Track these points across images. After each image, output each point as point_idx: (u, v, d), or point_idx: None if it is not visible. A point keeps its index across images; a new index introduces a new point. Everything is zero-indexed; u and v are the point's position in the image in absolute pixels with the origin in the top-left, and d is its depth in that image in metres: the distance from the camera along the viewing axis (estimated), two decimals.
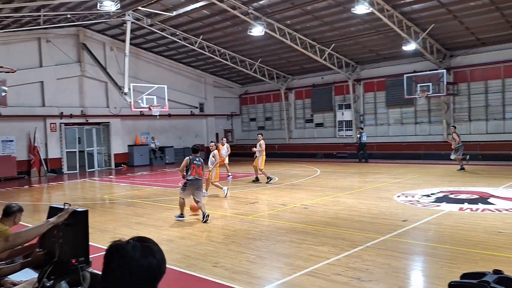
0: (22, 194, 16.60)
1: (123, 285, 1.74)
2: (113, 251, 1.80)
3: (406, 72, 22.83)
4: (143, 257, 1.76)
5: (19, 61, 21.37)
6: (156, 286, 1.81)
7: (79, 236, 3.11)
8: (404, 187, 13.59)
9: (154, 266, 1.78)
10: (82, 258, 3.03)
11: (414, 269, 6.52)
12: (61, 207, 3.25)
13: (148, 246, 1.82)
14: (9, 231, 4.79)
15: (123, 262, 1.75)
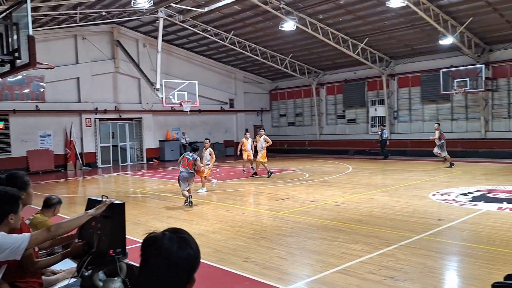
0: (59, 186, 17.05)
1: (162, 276, 1.77)
2: (150, 243, 1.82)
3: (443, 67, 22.25)
4: (181, 248, 1.79)
5: (57, 58, 21.88)
6: (193, 275, 1.83)
7: (116, 228, 3.17)
8: (440, 185, 13.28)
9: (192, 257, 1.81)
10: (119, 249, 3.09)
11: (450, 269, 6.36)
12: (99, 199, 3.32)
13: (184, 237, 1.85)
14: (48, 222, 4.94)
15: (160, 255, 1.77)
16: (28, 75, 21.42)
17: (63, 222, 3.26)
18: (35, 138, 22.73)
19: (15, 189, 3.30)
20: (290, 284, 5.59)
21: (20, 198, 3.27)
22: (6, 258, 2.93)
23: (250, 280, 5.78)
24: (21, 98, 22.00)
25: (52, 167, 22.81)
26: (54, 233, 3.18)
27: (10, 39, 4.99)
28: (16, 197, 3.18)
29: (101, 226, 3.23)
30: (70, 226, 3.26)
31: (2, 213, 3.09)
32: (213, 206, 11.41)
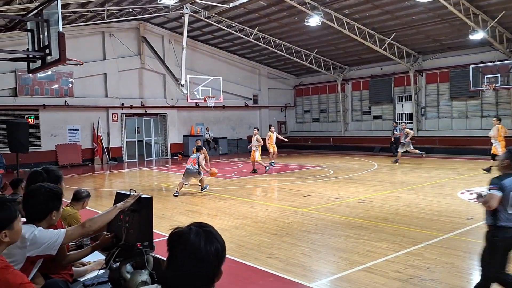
0: (86, 180, 17.37)
1: (190, 271, 1.79)
2: (176, 239, 1.84)
3: (473, 63, 21.70)
4: (208, 243, 1.81)
5: (85, 54, 22.25)
6: (221, 268, 1.86)
7: (144, 222, 3.22)
8: (468, 184, 13.01)
9: (220, 251, 1.83)
10: (147, 242, 3.14)
11: (478, 269, 6.20)
12: (127, 193, 3.37)
13: (210, 231, 1.87)
14: (78, 214, 5.06)
15: (187, 250, 1.79)
16: (57, 71, 21.87)
17: (96, 217, 3.33)
18: (64, 133, 23.22)
19: (58, 186, 3.39)
20: (314, 281, 5.57)
21: (63, 195, 3.35)
22: (43, 252, 3.01)
23: (274, 276, 5.78)
24: (51, 94, 22.50)
25: (80, 161, 23.28)
26: (89, 229, 3.25)
27: (41, 35, 5.08)
28: (60, 195, 3.27)
29: (129, 220, 3.28)
30: (103, 221, 3.32)
31: (46, 210, 3.17)
32: (236, 202, 11.44)
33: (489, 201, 4.39)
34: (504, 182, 4.39)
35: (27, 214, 3.22)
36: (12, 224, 2.56)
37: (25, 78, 21.35)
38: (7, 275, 2.35)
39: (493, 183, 4.46)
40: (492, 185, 4.44)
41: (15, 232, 2.60)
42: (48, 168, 4.04)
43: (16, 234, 2.63)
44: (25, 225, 3.06)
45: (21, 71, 20.74)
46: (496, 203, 4.34)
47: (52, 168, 4.09)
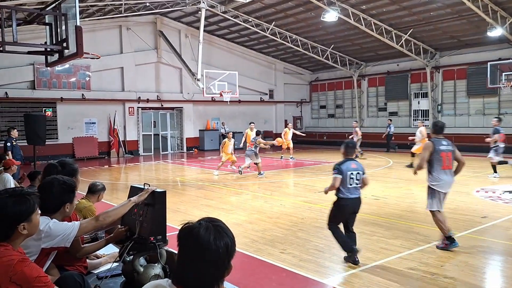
0: (102, 173, 17.56)
1: (200, 266, 1.81)
2: (186, 233, 1.86)
3: (491, 60, 21.38)
4: (219, 238, 1.82)
5: (102, 48, 22.44)
6: (231, 262, 1.88)
7: (157, 216, 3.25)
8: (484, 182, 12.88)
9: (229, 245, 1.85)
10: (160, 236, 3.18)
11: (493, 268, 6.15)
12: (141, 187, 3.40)
13: (220, 226, 1.89)
14: (93, 207, 5.11)
15: (198, 244, 1.81)
16: (75, 64, 22.09)
17: (110, 210, 3.36)
18: (81, 126, 23.48)
19: (72, 179, 3.43)
20: (327, 277, 5.58)
21: (76, 188, 3.40)
22: (57, 244, 3.05)
23: (286, 272, 5.79)
24: (68, 87, 22.74)
25: (96, 153, 23.54)
26: (103, 222, 3.28)
27: (59, 29, 5.14)
28: (73, 187, 3.31)
29: (143, 213, 3.32)
30: (117, 214, 3.36)
31: (60, 202, 3.21)
32: (251, 197, 11.48)
33: (334, 183, 6.15)
34: (342, 167, 6.16)
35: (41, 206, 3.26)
36: (30, 217, 2.60)
37: (43, 71, 21.60)
38: (24, 268, 2.39)
39: (335, 168, 6.21)
40: (334, 170, 6.19)
41: (34, 225, 2.64)
42: (64, 161, 4.09)
43: (35, 227, 2.67)
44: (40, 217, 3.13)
45: (39, 64, 20.98)
46: (339, 183, 6.12)
47: (68, 161, 4.14)
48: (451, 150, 6.91)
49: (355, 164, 6.26)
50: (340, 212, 6.24)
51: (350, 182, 6.11)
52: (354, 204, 6.22)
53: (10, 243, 2.52)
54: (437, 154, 6.78)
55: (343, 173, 6.10)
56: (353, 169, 6.17)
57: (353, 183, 6.15)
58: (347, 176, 6.11)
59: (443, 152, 6.82)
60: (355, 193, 6.21)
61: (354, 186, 6.16)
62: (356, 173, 6.19)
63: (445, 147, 6.91)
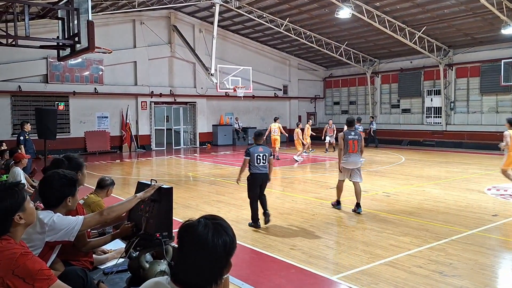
0: (114, 167, 17.70)
1: (199, 263, 1.82)
2: (185, 231, 1.88)
3: (504, 58, 21.27)
4: (217, 235, 1.83)
5: (115, 42, 22.60)
6: (230, 260, 1.88)
7: (163, 212, 3.26)
8: (496, 180, 12.73)
9: (228, 243, 1.85)
10: (166, 232, 3.19)
11: (502, 267, 6.10)
12: (148, 183, 3.42)
13: (219, 223, 1.89)
14: (101, 202, 5.12)
15: (196, 241, 1.83)
16: (88, 58, 22.26)
17: (114, 205, 3.39)
18: (93, 120, 23.63)
19: (73, 172, 3.44)
20: (336, 274, 5.57)
21: (78, 181, 3.42)
22: (61, 238, 3.07)
23: (295, 268, 5.80)
24: (81, 81, 22.89)
25: (108, 148, 23.69)
26: (107, 217, 3.31)
27: (71, 24, 5.18)
28: (75, 181, 3.31)
29: (149, 210, 3.33)
30: (122, 209, 3.38)
31: (61, 196, 3.22)
32: None
33: (243, 164, 8.27)
34: (250, 150, 8.23)
35: (43, 201, 3.28)
36: (23, 205, 2.61)
37: (56, 65, 21.71)
38: (27, 261, 2.41)
39: (245, 152, 8.28)
40: (245, 153, 8.27)
41: (29, 213, 2.65)
42: (70, 156, 4.10)
43: (31, 215, 2.68)
44: (43, 211, 3.14)
45: (53, 58, 21.03)
46: (247, 164, 8.19)
47: (74, 156, 4.15)
48: (357, 139, 9.30)
49: (262, 148, 8.25)
50: (253, 183, 8.15)
51: (257, 161, 8.12)
52: (261, 177, 8.19)
53: (11, 236, 2.55)
54: (346, 141, 9.19)
55: (251, 155, 8.15)
56: (260, 152, 8.18)
57: (260, 162, 8.15)
58: (255, 157, 8.13)
59: (350, 140, 9.24)
60: (263, 170, 8.17)
61: (261, 164, 8.15)
62: (262, 155, 8.17)
63: (352, 136, 9.29)
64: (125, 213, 3.54)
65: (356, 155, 9.24)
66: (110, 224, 4.00)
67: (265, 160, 8.19)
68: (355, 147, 9.18)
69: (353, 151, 9.17)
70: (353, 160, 9.23)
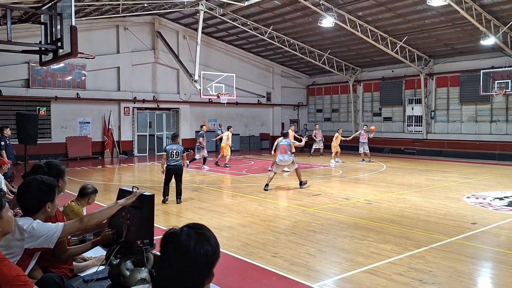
0: (95, 173, 17.52)
1: (181, 271, 1.81)
2: (168, 239, 1.88)
3: (483, 68, 21.75)
4: (199, 244, 1.83)
5: (99, 47, 22.43)
6: (212, 270, 1.88)
7: (145, 219, 3.24)
8: (475, 188, 12.97)
9: (210, 253, 1.85)
10: (147, 240, 3.16)
11: (481, 275, 6.20)
12: (130, 190, 3.41)
13: (202, 233, 1.89)
14: (81, 211, 5.03)
15: (178, 250, 1.82)
16: (70, 63, 22.04)
17: (95, 212, 3.36)
18: (75, 125, 23.35)
19: (52, 178, 3.39)
20: (317, 282, 5.60)
21: (56, 186, 3.38)
22: (40, 245, 3.03)
23: (277, 276, 5.81)
24: (63, 86, 22.61)
25: (90, 153, 23.41)
26: (87, 224, 3.28)
27: (54, 28, 5.13)
28: (53, 186, 3.27)
29: (130, 217, 3.30)
30: (102, 216, 3.36)
31: (40, 202, 3.18)
32: (245, 199, 11.46)
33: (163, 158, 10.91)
34: (167, 148, 10.91)
35: (22, 207, 3.24)
36: (1, 213, 2.60)
37: (38, 70, 21.44)
38: (3, 267, 2.38)
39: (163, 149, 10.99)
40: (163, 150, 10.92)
41: (6, 221, 2.62)
42: (51, 162, 4.03)
43: (8, 224, 2.65)
44: (22, 218, 3.10)
45: (34, 63, 20.79)
46: (165, 158, 10.80)
47: (55, 162, 4.07)
48: (285, 144, 12.93)
49: (175, 146, 10.84)
50: (168, 173, 10.79)
51: (171, 156, 10.72)
52: (175, 168, 10.75)
53: None
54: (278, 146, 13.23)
55: (167, 151, 10.80)
56: (173, 149, 10.75)
57: (173, 157, 10.72)
58: (169, 153, 10.74)
59: (281, 145, 13.00)
60: (176, 162, 10.74)
61: (175, 158, 10.72)
62: (176, 152, 10.73)
63: (282, 143, 13.03)
64: (105, 220, 3.51)
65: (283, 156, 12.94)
66: (91, 231, 3.95)
67: (178, 156, 10.69)
68: (284, 150, 12.88)
69: (282, 152, 12.95)
70: (282, 159, 13.00)
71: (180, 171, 10.86)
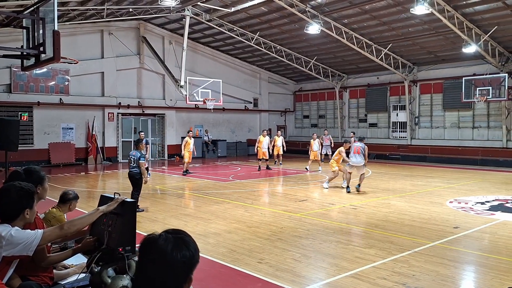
0: (79, 180, 17.32)
1: (158, 276, 1.81)
2: (146, 244, 1.88)
3: (465, 75, 22.15)
4: (177, 249, 1.83)
5: (83, 52, 22.26)
6: (190, 275, 1.87)
7: (126, 226, 3.21)
8: (458, 193, 13.14)
9: (187, 258, 1.84)
10: (129, 247, 3.13)
11: (463, 278, 6.28)
12: (111, 196, 3.37)
13: (181, 238, 1.88)
14: (63, 217, 4.96)
15: (155, 255, 1.83)
16: (53, 68, 21.80)
17: (75, 219, 3.32)
18: (58, 131, 23.01)
19: (30, 184, 3.34)
20: (302, 287, 5.60)
21: (35, 193, 3.32)
22: (19, 253, 2.99)
23: (262, 282, 5.80)
24: (46, 91, 22.30)
25: (73, 160, 23.07)
26: (67, 231, 3.24)
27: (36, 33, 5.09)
28: (32, 192, 3.23)
29: (112, 223, 3.27)
30: (83, 223, 3.31)
31: (18, 208, 3.14)
32: (231, 206, 11.40)
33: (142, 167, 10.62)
34: (129, 153, 11.06)
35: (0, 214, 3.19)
36: None
37: (20, 75, 21.10)
38: None
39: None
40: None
41: None
42: (30, 168, 3.94)
43: None
44: (0, 225, 3.06)
45: (16, 67, 20.40)
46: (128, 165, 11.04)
47: (35, 168, 3.99)
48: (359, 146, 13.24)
49: (134, 153, 10.79)
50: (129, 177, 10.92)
51: (130, 163, 10.86)
52: (130, 175, 10.83)
53: None
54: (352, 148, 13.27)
55: (129, 156, 11.03)
56: (132, 155, 10.80)
57: (132, 163, 10.76)
58: (129, 159, 11.01)
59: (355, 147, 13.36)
60: (131, 169, 10.77)
61: (132, 165, 10.74)
62: (133, 159, 10.69)
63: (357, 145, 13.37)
64: (87, 227, 3.46)
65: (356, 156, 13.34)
66: (72, 238, 3.89)
67: (134, 163, 10.68)
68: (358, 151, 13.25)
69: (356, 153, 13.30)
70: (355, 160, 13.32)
71: (134, 178, 10.68)
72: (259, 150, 20.21)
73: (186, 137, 19.11)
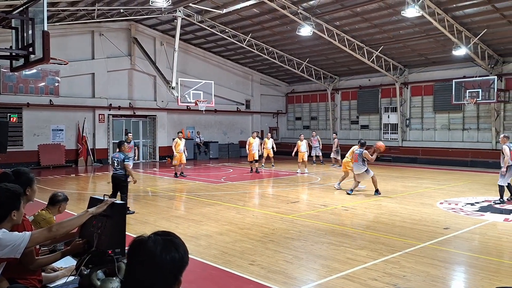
0: (69, 182, 17.21)
1: (147, 278, 1.80)
2: (135, 246, 1.87)
3: (455, 77, 22.34)
4: (165, 251, 1.82)
5: (73, 53, 22.13)
6: (179, 277, 1.86)
7: (116, 228, 3.19)
8: (448, 194, 13.21)
9: (176, 260, 1.84)
10: (118, 249, 3.11)
11: (453, 279, 6.31)
12: (101, 198, 3.34)
13: (170, 240, 1.88)
14: (52, 219, 4.93)
15: (144, 257, 1.82)
16: (43, 69, 21.62)
17: (64, 221, 3.28)
18: (47, 132, 22.81)
19: (17, 185, 3.31)
20: None
21: (22, 194, 3.29)
22: (6, 255, 2.95)
23: (254, 283, 5.78)
24: (36, 92, 22.07)
25: (63, 162, 22.89)
26: (56, 233, 3.20)
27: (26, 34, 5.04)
28: (18, 194, 3.20)
29: (101, 226, 3.24)
30: (72, 225, 3.28)
31: (5, 210, 3.10)
32: (223, 207, 11.37)
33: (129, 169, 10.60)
34: (112, 155, 11.12)
35: None
36: None
37: (9, 76, 20.85)
38: None
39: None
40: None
41: None
42: (19, 170, 3.89)
43: None
44: None
45: (5, 68, 20.07)
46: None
47: (24, 170, 3.95)
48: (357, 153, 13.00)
49: (118, 155, 10.67)
50: (112, 183, 10.65)
51: (113, 164, 10.81)
52: (114, 177, 10.61)
53: None
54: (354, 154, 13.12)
55: (112, 159, 11.14)
56: (115, 157, 10.64)
57: (115, 165, 10.61)
58: (111, 161, 11.11)
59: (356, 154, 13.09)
60: (115, 171, 10.61)
61: (115, 167, 10.60)
62: (117, 160, 10.54)
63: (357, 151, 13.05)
64: (76, 229, 3.43)
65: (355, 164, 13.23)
66: (61, 241, 3.85)
67: (118, 165, 10.53)
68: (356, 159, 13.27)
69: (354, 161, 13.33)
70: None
71: (118, 180, 10.49)
72: (250, 152, 20.21)
73: (176, 138, 18.97)
